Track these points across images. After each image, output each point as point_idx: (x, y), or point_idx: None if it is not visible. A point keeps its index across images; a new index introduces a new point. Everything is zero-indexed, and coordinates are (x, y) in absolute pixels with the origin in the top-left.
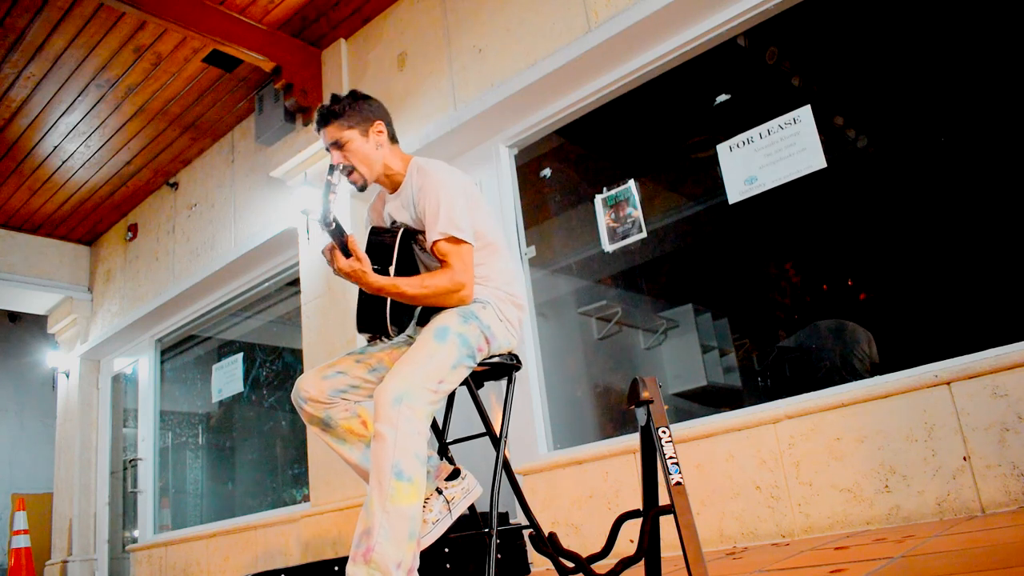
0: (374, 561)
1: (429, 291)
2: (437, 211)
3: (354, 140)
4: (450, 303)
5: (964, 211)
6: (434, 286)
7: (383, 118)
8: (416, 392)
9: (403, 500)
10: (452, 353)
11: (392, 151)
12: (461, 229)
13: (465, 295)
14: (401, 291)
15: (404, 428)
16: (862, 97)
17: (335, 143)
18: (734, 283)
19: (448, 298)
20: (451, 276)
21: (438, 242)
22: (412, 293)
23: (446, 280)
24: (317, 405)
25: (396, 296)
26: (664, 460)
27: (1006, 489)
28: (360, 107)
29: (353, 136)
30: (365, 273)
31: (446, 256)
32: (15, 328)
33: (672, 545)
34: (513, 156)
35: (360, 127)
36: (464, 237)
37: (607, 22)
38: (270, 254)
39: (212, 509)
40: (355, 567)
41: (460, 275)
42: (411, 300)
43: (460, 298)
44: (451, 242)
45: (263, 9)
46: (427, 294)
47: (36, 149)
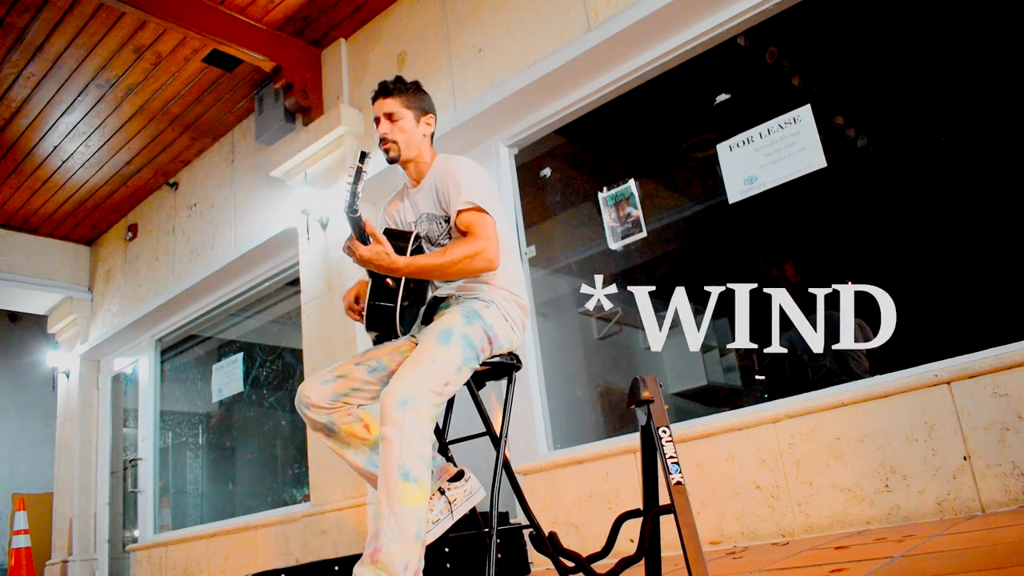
0: (381, 562)
1: (453, 258)
2: (460, 186)
3: (407, 119)
4: (476, 267)
5: (964, 211)
6: (457, 253)
7: (435, 114)
8: (421, 395)
9: (409, 501)
10: (456, 355)
11: (429, 145)
12: (485, 201)
13: (490, 256)
14: (426, 264)
15: (409, 431)
16: (862, 97)
17: (389, 115)
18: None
19: (472, 262)
20: (474, 242)
21: (462, 212)
22: (438, 263)
23: (470, 247)
24: (319, 411)
25: (421, 272)
26: (664, 460)
27: (1006, 489)
28: (422, 96)
29: (407, 115)
30: (388, 255)
31: (470, 225)
32: (15, 328)
33: (672, 545)
34: (513, 156)
35: (416, 111)
36: (487, 208)
37: (607, 22)
38: (270, 254)
39: (212, 509)
40: (362, 568)
41: (481, 239)
42: (439, 271)
43: (486, 260)
44: (475, 211)
45: (263, 9)
46: (452, 261)
47: (36, 149)
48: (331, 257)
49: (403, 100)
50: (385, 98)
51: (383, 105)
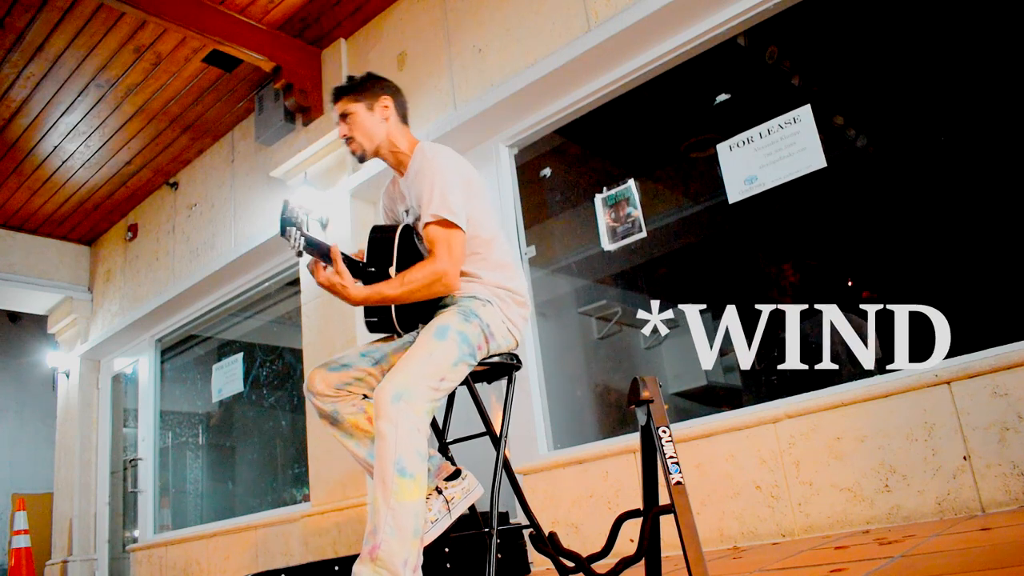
0: (380, 559)
1: (411, 287)
2: (431, 193)
3: (359, 112)
4: (435, 293)
5: (964, 211)
6: (414, 281)
7: (392, 95)
8: (415, 389)
9: (406, 496)
10: (452, 351)
11: (401, 130)
12: (453, 212)
13: (448, 282)
14: (384, 296)
15: (404, 425)
16: (862, 97)
17: (342, 115)
18: (734, 282)
19: (432, 289)
20: (431, 267)
21: (428, 225)
22: (395, 295)
23: (426, 272)
24: (324, 398)
25: (381, 303)
26: (664, 460)
27: (1006, 488)
28: (370, 84)
29: (358, 108)
30: (344, 287)
31: (433, 242)
32: (15, 328)
33: (672, 545)
34: (513, 156)
35: (366, 101)
36: (456, 221)
37: (607, 21)
38: (270, 254)
39: (212, 509)
40: (361, 566)
41: (441, 263)
42: (396, 301)
43: (445, 286)
44: (441, 226)
45: (263, 9)
46: (411, 290)
47: (36, 149)
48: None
49: (352, 96)
50: (336, 102)
51: (337, 108)
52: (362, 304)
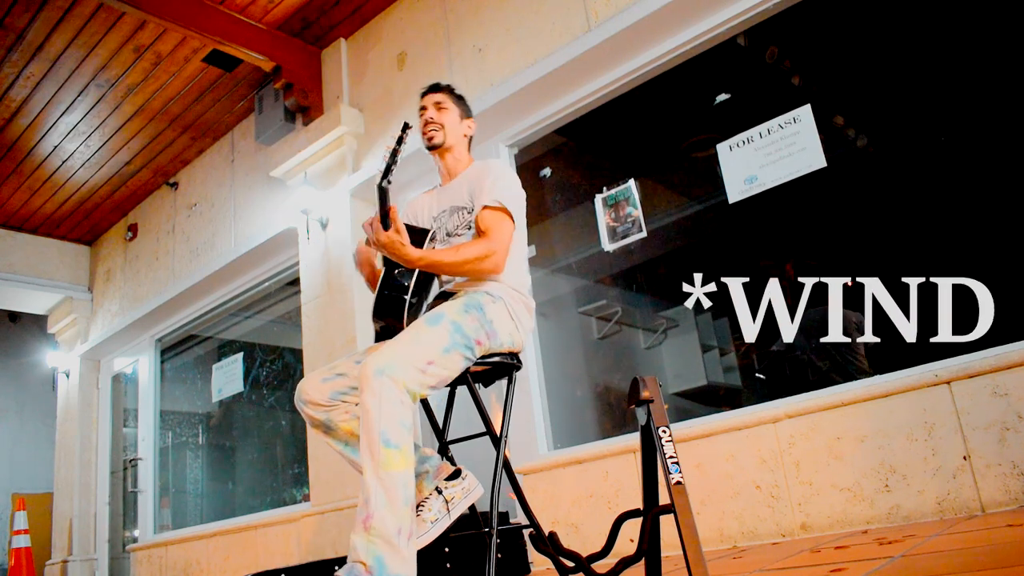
0: (373, 528)
1: (464, 257)
2: (495, 184)
3: (453, 111)
4: (482, 271)
5: (964, 210)
6: (467, 253)
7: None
8: (399, 365)
9: (393, 466)
10: (443, 336)
11: (465, 146)
12: (512, 205)
13: (497, 261)
14: (437, 261)
15: (386, 396)
16: (862, 97)
17: (437, 103)
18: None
19: (480, 264)
20: (486, 244)
21: (486, 208)
22: (449, 261)
23: (480, 248)
24: (317, 408)
25: (433, 267)
26: (664, 459)
27: (1006, 488)
28: (466, 103)
29: (454, 109)
30: (403, 245)
31: (487, 224)
32: (15, 328)
33: (672, 545)
34: (513, 156)
35: (462, 110)
36: (513, 212)
37: (607, 21)
38: (270, 254)
39: (212, 509)
40: (355, 535)
41: (495, 243)
42: (449, 268)
43: (494, 264)
44: (498, 211)
45: (263, 9)
46: (462, 260)
47: (36, 149)
48: (331, 257)
49: (454, 98)
50: (438, 91)
51: (434, 96)
52: (416, 264)
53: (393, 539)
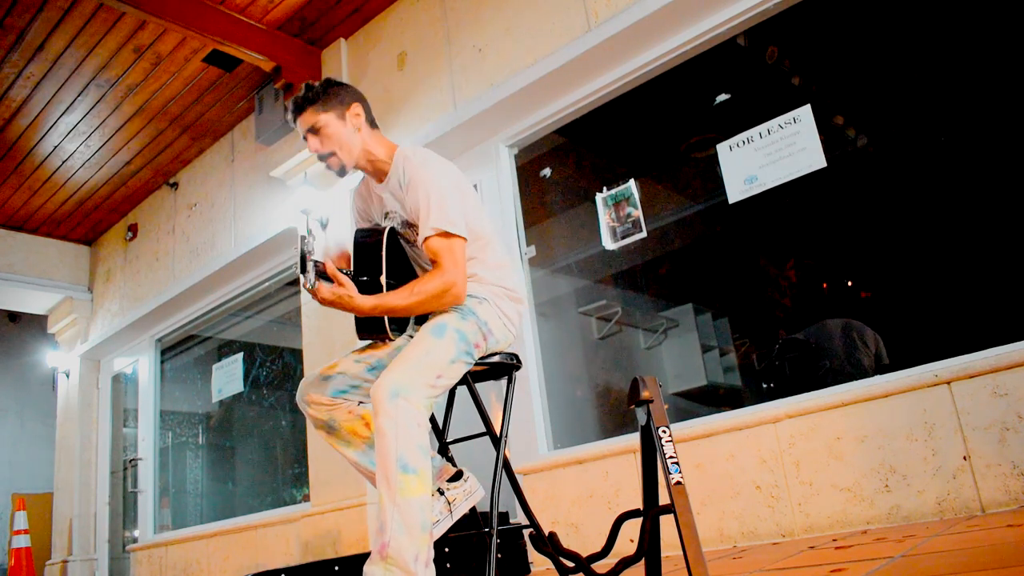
0: (390, 557)
1: (420, 298)
2: (429, 205)
3: (330, 124)
4: (445, 304)
5: (964, 210)
6: (424, 292)
7: (360, 101)
8: (413, 385)
9: (411, 492)
10: (450, 348)
11: (374, 137)
12: (453, 223)
13: (458, 292)
14: (392, 307)
15: (403, 420)
16: (862, 97)
17: (311, 129)
18: (734, 282)
19: (442, 300)
20: (441, 278)
21: (429, 239)
22: (404, 305)
23: (437, 283)
24: (320, 408)
25: (388, 313)
26: (664, 460)
27: (1006, 488)
28: (335, 91)
29: (329, 120)
30: (351, 298)
31: (437, 254)
32: (15, 328)
33: (672, 545)
34: (513, 156)
35: (336, 110)
36: (456, 231)
37: (607, 21)
38: (270, 254)
39: (212, 509)
40: (372, 566)
41: (450, 274)
42: (405, 312)
43: (453, 297)
44: (443, 237)
45: (263, 9)
46: (419, 301)
47: (36, 149)
48: (331, 257)
49: (317, 107)
50: (300, 114)
51: (302, 122)
52: (370, 314)
53: (410, 566)
